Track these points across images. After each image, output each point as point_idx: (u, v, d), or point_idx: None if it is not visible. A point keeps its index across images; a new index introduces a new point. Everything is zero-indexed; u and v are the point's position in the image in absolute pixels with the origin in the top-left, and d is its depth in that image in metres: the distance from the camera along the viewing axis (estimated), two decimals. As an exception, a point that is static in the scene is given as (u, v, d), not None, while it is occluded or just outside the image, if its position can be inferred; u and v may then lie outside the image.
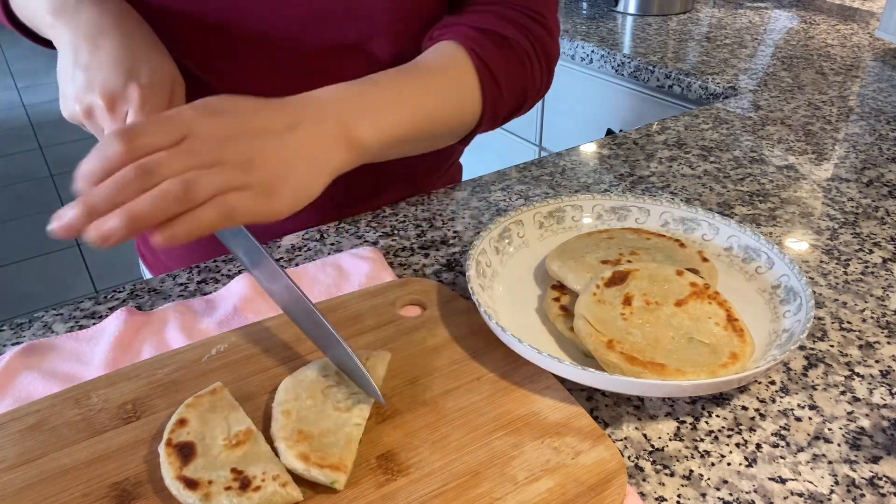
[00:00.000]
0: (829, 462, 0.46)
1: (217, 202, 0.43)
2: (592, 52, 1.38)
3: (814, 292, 0.61)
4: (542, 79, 0.72)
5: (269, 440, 0.45)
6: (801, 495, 0.43)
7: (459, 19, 0.68)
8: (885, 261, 0.66)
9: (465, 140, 0.71)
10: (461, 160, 0.95)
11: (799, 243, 0.70)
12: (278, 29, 0.65)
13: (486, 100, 0.66)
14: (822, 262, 0.66)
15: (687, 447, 0.47)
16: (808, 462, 0.46)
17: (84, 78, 0.52)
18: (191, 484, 0.40)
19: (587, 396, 0.51)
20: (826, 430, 0.48)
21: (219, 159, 0.44)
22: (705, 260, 0.59)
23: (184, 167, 0.43)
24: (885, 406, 0.50)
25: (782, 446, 0.47)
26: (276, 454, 0.43)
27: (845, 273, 0.65)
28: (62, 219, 0.41)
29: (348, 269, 0.64)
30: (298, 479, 0.42)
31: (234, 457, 0.42)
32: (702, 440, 0.47)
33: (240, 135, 0.46)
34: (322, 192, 0.52)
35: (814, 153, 0.89)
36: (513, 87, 0.68)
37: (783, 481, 0.44)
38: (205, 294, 0.62)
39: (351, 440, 0.44)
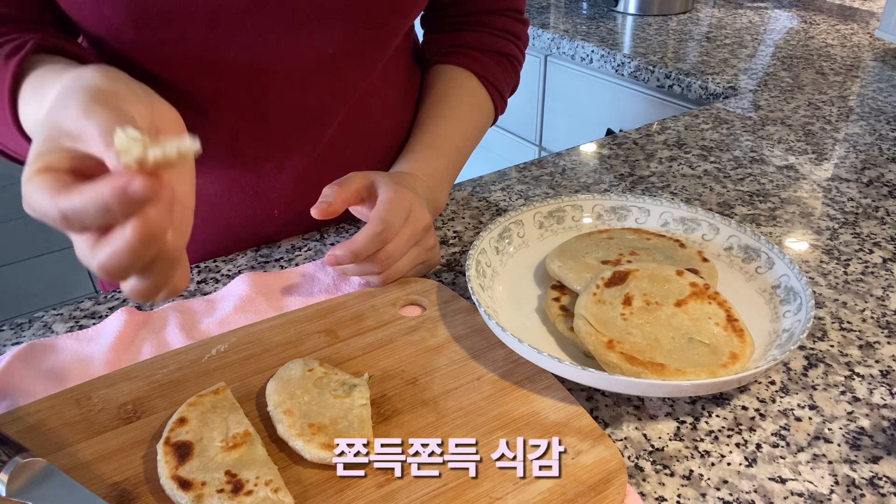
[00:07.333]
0: (829, 462, 0.46)
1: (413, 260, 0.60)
2: (592, 52, 1.38)
3: (814, 292, 0.61)
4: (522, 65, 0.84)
5: (277, 444, 0.45)
6: (801, 495, 0.43)
7: (459, 39, 0.77)
8: (885, 261, 0.66)
9: None
10: None
11: (799, 243, 0.70)
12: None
13: (496, 116, 0.80)
14: (822, 262, 0.66)
15: (687, 447, 0.47)
16: (808, 462, 0.46)
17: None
18: (184, 484, 0.40)
19: (587, 396, 0.51)
20: (826, 430, 0.48)
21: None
22: (705, 260, 0.59)
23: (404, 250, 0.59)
24: (885, 406, 0.50)
25: (782, 446, 0.47)
26: (276, 456, 0.43)
27: (845, 273, 0.65)
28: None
29: (348, 269, 0.64)
30: (290, 485, 0.42)
31: (229, 459, 0.42)
32: (702, 440, 0.47)
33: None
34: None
35: (814, 153, 0.89)
36: (511, 91, 0.82)
37: (783, 481, 0.44)
38: (205, 294, 0.62)
39: (364, 420, 0.45)
